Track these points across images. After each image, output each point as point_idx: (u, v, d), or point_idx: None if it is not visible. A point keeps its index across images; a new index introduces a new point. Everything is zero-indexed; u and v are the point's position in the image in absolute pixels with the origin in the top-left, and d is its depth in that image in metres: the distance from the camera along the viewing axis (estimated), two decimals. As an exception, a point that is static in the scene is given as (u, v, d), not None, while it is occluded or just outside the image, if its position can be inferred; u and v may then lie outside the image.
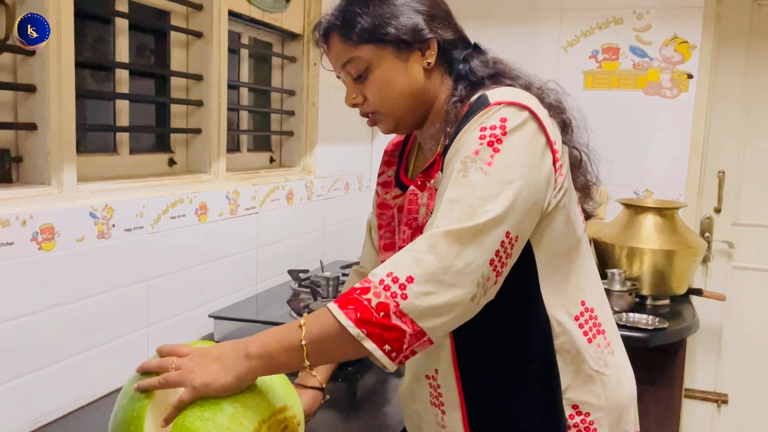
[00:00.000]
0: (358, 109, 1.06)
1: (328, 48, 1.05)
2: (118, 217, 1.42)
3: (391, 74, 1.01)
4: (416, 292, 0.83)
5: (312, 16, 2.28)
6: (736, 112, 2.60)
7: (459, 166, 0.89)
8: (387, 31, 0.99)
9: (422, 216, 1.02)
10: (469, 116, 0.94)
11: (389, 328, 0.83)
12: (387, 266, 0.86)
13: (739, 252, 2.66)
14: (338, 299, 0.86)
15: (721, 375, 2.72)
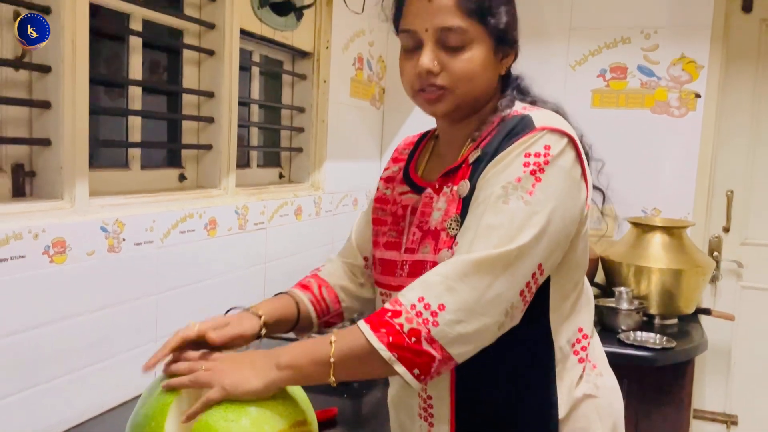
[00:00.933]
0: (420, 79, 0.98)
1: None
2: (129, 231, 1.44)
3: (485, 62, 0.97)
4: (447, 320, 0.85)
5: (322, 34, 2.31)
6: (744, 131, 2.60)
7: (500, 191, 0.89)
8: (501, 21, 0.97)
9: (435, 220, 0.99)
10: (512, 136, 0.93)
11: (420, 353, 0.85)
12: (417, 290, 0.87)
13: (749, 272, 2.64)
14: (369, 319, 0.88)
15: (730, 396, 2.69)
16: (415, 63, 0.97)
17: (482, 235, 0.88)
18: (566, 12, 2.60)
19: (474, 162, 0.97)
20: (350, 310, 1.26)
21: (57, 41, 1.27)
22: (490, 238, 0.87)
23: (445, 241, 0.96)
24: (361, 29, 2.58)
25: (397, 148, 1.22)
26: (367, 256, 1.24)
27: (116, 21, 1.57)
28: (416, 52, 0.98)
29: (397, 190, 1.12)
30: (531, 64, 1.09)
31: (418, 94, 1.00)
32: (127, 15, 1.58)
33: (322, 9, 2.30)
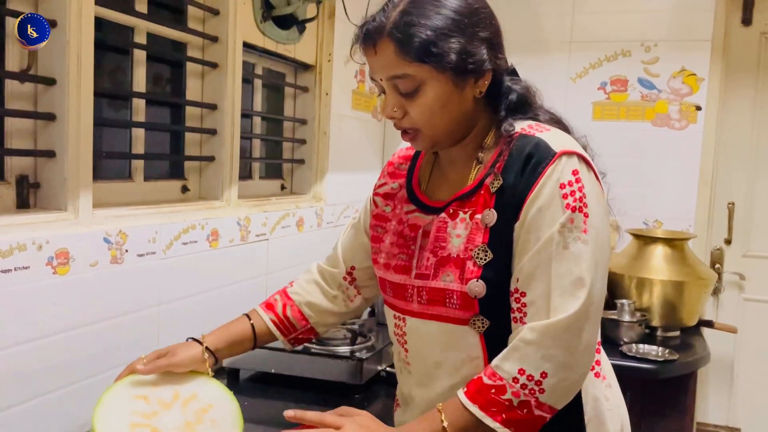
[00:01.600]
0: (393, 122, 1.01)
1: (375, 52, 0.96)
2: (131, 242, 1.45)
3: (443, 98, 0.96)
4: (552, 384, 0.90)
5: (324, 47, 2.33)
6: (745, 143, 2.61)
7: (558, 237, 0.92)
8: (451, 57, 0.94)
9: (455, 248, 0.99)
10: (536, 166, 0.94)
11: (533, 420, 0.91)
12: (514, 361, 0.91)
13: (751, 284, 2.64)
14: (474, 397, 0.92)
15: (733, 408, 2.68)
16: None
17: (556, 287, 0.91)
18: (567, 25, 2.62)
19: (497, 192, 0.97)
20: (321, 325, 1.28)
21: (62, 54, 1.28)
22: (564, 288, 0.91)
23: (473, 270, 0.96)
24: (363, 42, 2.60)
25: (391, 162, 1.20)
26: (354, 266, 1.24)
27: (121, 34, 1.59)
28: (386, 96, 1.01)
29: (402, 209, 1.10)
30: (531, 76, 1.10)
31: (402, 135, 1.04)
32: (132, 28, 1.60)
33: (324, 22, 2.32)
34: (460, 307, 0.97)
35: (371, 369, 1.66)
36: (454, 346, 1.00)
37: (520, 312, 0.94)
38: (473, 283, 0.95)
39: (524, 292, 0.94)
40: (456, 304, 0.98)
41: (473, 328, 0.98)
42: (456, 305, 0.98)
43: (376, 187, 1.19)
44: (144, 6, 1.62)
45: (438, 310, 1.00)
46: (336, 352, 1.64)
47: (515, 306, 0.95)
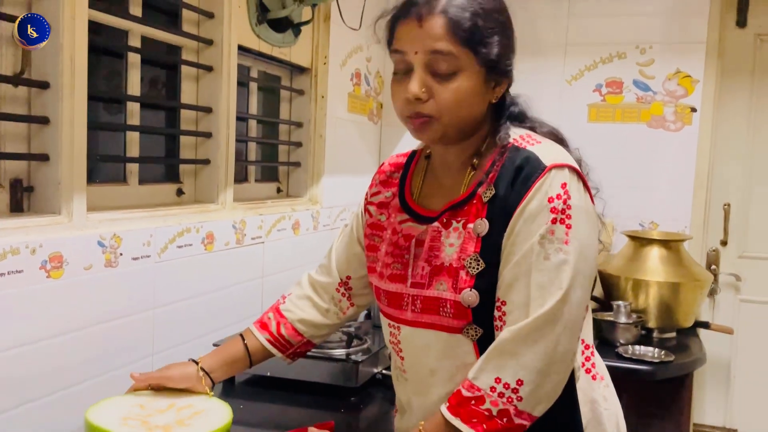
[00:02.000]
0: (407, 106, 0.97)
1: (420, 25, 0.95)
2: (126, 245, 1.45)
3: (472, 91, 0.96)
4: (528, 391, 0.91)
5: (320, 50, 2.33)
6: (740, 145, 2.62)
7: (538, 248, 0.92)
8: (494, 52, 0.96)
9: (449, 257, 0.99)
10: (526, 179, 0.94)
11: (513, 429, 0.92)
12: (490, 371, 0.92)
13: (747, 285, 2.65)
14: (455, 410, 0.93)
15: (730, 410, 2.68)
16: (404, 88, 0.97)
17: (536, 297, 0.92)
18: (562, 27, 2.63)
19: (489, 201, 0.97)
20: (317, 337, 1.28)
21: (56, 58, 1.28)
22: (545, 297, 0.91)
23: (466, 280, 0.97)
24: (358, 45, 2.61)
25: (383, 170, 1.19)
26: (350, 276, 1.24)
27: (115, 37, 1.59)
28: (406, 76, 0.97)
29: (396, 218, 1.10)
30: (527, 78, 1.11)
31: (407, 120, 1.00)
32: (126, 32, 1.60)
33: (320, 25, 2.32)
34: (453, 315, 0.98)
35: (367, 372, 1.66)
36: (449, 354, 1.00)
37: (500, 320, 0.95)
38: (466, 293, 0.96)
39: (504, 301, 0.95)
40: (450, 312, 0.98)
41: (467, 336, 0.98)
42: (450, 314, 0.98)
43: (369, 196, 1.19)
44: (138, 9, 1.62)
45: (432, 319, 1.01)
46: (332, 354, 1.64)
47: (497, 314, 0.96)
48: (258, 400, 1.59)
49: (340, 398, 1.60)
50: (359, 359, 1.61)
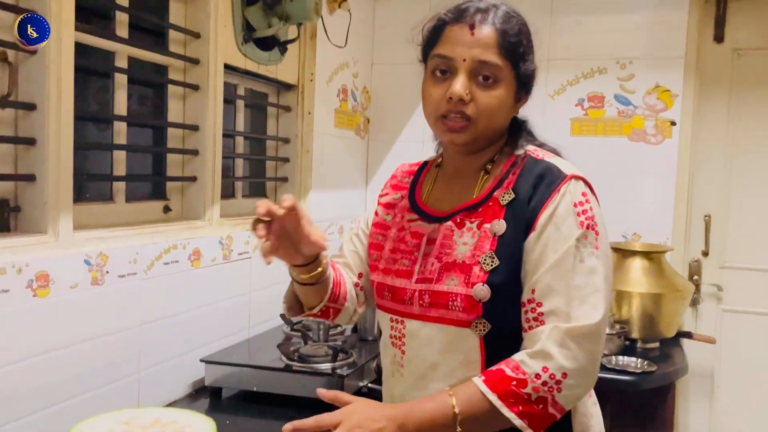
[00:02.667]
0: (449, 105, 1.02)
1: (472, 31, 1.02)
2: (112, 263, 1.46)
3: (506, 102, 1.05)
4: (569, 385, 0.95)
5: (306, 67, 2.37)
6: (720, 157, 2.66)
7: (574, 251, 0.98)
8: (530, 69, 1.06)
9: (462, 254, 1.03)
10: (548, 185, 1.01)
11: (546, 416, 0.95)
12: (538, 359, 0.95)
13: (728, 295, 2.68)
14: (494, 386, 0.94)
15: (714, 419, 2.71)
16: (444, 89, 1.02)
17: (576, 297, 0.97)
18: (544, 43, 2.67)
19: (508, 204, 1.03)
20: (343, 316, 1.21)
21: (42, 80, 1.31)
22: (584, 299, 0.97)
23: (479, 275, 1.01)
24: (345, 62, 2.64)
25: (395, 176, 1.25)
26: (361, 273, 1.24)
27: (102, 58, 1.61)
28: (445, 79, 1.03)
29: (405, 218, 1.15)
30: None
31: (441, 120, 1.04)
32: (113, 53, 1.62)
33: (306, 43, 2.36)
34: (463, 309, 1.01)
35: (353, 385, 1.68)
36: (454, 348, 1.03)
37: (536, 321, 0.98)
38: (479, 287, 1.00)
39: (540, 302, 0.98)
40: (459, 306, 1.01)
41: (474, 331, 1.01)
42: (459, 308, 1.01)
43: (380, 197, 1.24)
44: (125, 30, 1.65)
45: (440, 313, 1.03)
46: (317, 369, 1.66)
47: (529, 315, 0.99)
48: (244, 415, 1.61)
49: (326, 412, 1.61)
50: (345, 373, 1.63)
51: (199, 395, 1.74)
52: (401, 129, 2.91)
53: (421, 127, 2.86)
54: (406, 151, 2.90)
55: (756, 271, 2.64)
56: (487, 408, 0.94)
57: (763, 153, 2.61)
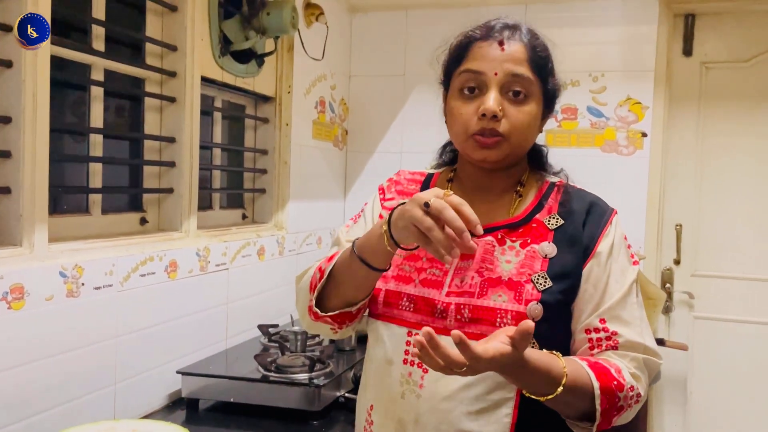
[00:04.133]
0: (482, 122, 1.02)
1: (502, 47, 1.03)
2: (88, 275, 1.47)
3: (536, 118, 1.06)
4: (636, 408, 1.01)
5: (284, 80, 2.39)
6: (690, 167, 2.73)
7: (635, 286, 1.06)
8: (556, 84, 1.10)
9: (507, 272, 1.03)
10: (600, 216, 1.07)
11: (609, 423, 0.98)
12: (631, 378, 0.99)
13: (700, 302, 2.74)
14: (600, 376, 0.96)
15: (687, 424, 2.76)
16: (475, 106, 1.03)
17: (643, 329, 1.05)
18: (518, 56, 2.72)
19: (557, 229, 1.06)
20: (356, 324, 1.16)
21: (18, 93, 1.31)
22: (646, 329, 1.05)
23: (533, 294, 1.01)
24: (322, 74, 2.67)
25: (398, 181, 1.21)
26: None
27: (78, 71, 1.62)
28: (475, 96, 1.04)
29: None
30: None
31: (472, 138, 1.04)
32: (89, 66, 1.63)
33: (284, 56, 2.38)
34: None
35: (329, 395, 1.69)
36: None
37: (608, 340, 1.02)
38: (533, 305, 1.00)
39: (616, 331, 1.02)
40: (510, 323, 0.99)
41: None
42: (509, 325, 0.99)
43: (383, 201, 1.19)
44: (101, 44, 1.65)
45: (483, 329, 0.99)
46: (294, 379, 1.67)
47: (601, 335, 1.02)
48: (221, 426, 1.61)
49: (302, 422, 1.63)
50: (321, 383, 1.64)
51: (176, 407, 1.74)
52: (379, 140, 2.94)
53: (398, 138, 2.92)
54: (385, 162, 2.93)
55: (726, 278, 2.71)
56: (584, 390, 0.95)
57: (731, 163, 2.68)
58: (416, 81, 2.82)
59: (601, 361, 0.99)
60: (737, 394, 2.69)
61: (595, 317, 1.03)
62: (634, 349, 1.02)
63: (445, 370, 0.85)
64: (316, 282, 1.07)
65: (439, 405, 1.01)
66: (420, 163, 2.93)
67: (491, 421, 1.00)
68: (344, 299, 1.07)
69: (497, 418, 1.00)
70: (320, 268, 1.08)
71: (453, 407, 1.00)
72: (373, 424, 1.09)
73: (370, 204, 1.21)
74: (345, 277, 1.05)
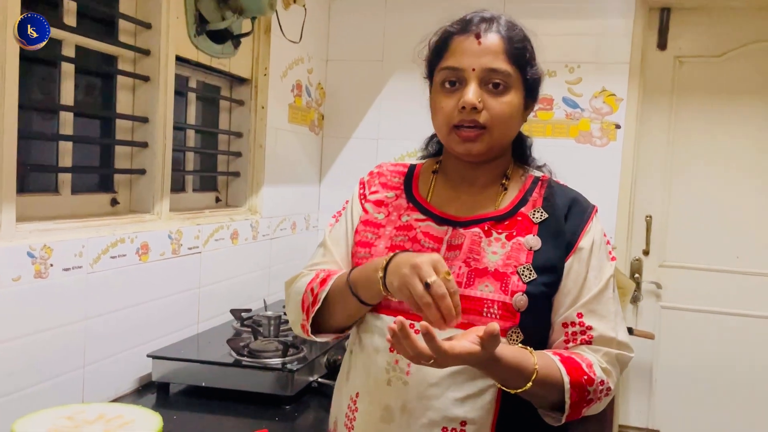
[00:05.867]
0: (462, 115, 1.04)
1: (479, 41, 1.04)
2: (57, 256, 1.43)
3: (517, 108, 1.07)
4: (605, 401, 1.04)
5: (260, 62, 2.35)
6: (661, 160, 2.77)
7: (612, 281, 1.08)
8: (536, 74, 1.09)
9: (493, 263, 1.05)
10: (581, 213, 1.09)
11: (579, 414, 1.01)
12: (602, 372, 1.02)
13: (667, 292, 2.80)
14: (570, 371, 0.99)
15: (653, 411, 2.82)
16: (456, 99, 1.04)
17: (617, 323, 1.07)
18: (496, 45, 2.73)
19: (541, 223, 1.08)
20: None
21: (-15, 67, 1.27)
22: (620, 323, 1.07)
23: (518, 285, 1.03)
24: (300, 57, 2.64)
25: (380, 173, 1.21)
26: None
27: (48, 47, 1.57)
28: (455, 90, 1.06)
29: (411, 216, 1.12)
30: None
31: (454, 131, 1.06)
32: (60, 41, 1.58)
33: (260, 37, 2.35)
34: (500, 317, 1.01)
35: (303, 380, 1.69)
36: None
37: (582, 335, 1.05)
38: (518, 296, 1.02)
39: (590, 326, 1.05)
40: (497, 314, 1.02)
41: (509, 340, 1.02)
42: (497, 315, 1.01)
43: (367, 194, 1.19)
44: (73, 19, 1.61)
45: (470, 319, 1.01)
46: (267, 364, 1.67)
47: (576, 329, 1.05)
48: (193, 411, 1.60)
49: (275, 407, 1.62)
50: (295, 368, 1.64)
51: (146, 390, 1.72)
52: (356, 126, 2.93)
53: (375, 124, 2.91)
54: (361, 148, 2.92)
55: (693, 269, 2.77)
56: (554, 384, 0.98)
57: (702, 157, 2.74)
58: (394, 67, 2.81)
59: (574, 355, 1.02)
60: (701, 382, 2.76)
61: (573, 311, 1.05)
62: (607, 344, 1.04)
63: (414, 359, 0.90)
64: (309, 305, 1.11)
65: (426, 391, 1.02)
66: (397, 150, 2.95)
67: (477, 406, 1.02)
68: (336, 325, 1.12)
69: (482, 404, 1.02)
70: (312, 290, 1.11)
71: (440, 393, 1.02)
72: (357, 411, 1.09)
73: (350, 203, 1.21)
74: (337, 306, 1.09)
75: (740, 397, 2.72)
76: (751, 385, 2.71)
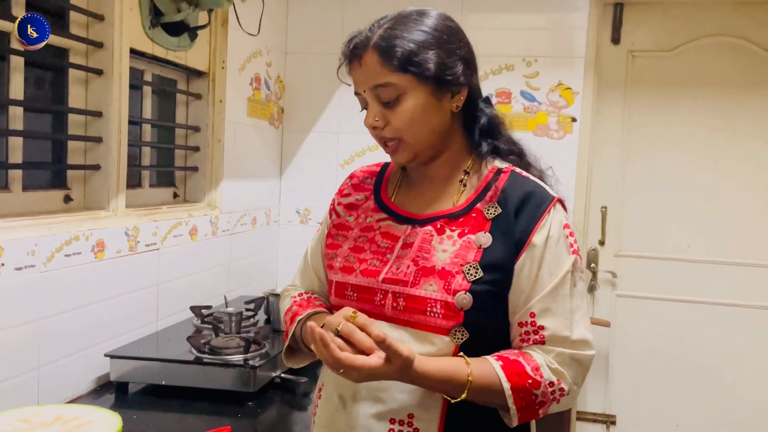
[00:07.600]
0: (374, 133, 1.08)
1: (360, 65, 1.05)
2: (8, 255, 1.39)
3: (423, 107, 1.04)
4: (566, 399, 1.03)
5: (218, 54, 2.32)
6: (615, 152, 2.84)
7: (570, 277, 1.04)
8: (430, 67, 1.02)
9: (442, 261, 1.04)
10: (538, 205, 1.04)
11: (535, 416, 1.02)
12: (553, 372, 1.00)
13: (622, 281, 2.87)
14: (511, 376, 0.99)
15: (609, 397, 2.90)
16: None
17: (574, 320, 1.03)
18: (455, 39, 2.75)
19: (494, 219, 1.05)
20: None
21: (-73, 60, 1.22)
22: (579, 321, 1.03)
23: (462, 284, 1.01)
24: (258, 50, 2.61)
25: (355, 175, 1.24)
26: (321, 278, 1.25)
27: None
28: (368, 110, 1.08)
29: (372, 218, 1.15)
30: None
31: (382, 147, 1.09)
32: (8, 33, 1.53)
33: (217, 30, 2.31)
34: (443, 316, 1.01)
35: (265, 376, 1.68)
36: (425, 353, 1.01)
37: (535, 335, 1.02)
38: (461, 295, 1.01)
39: (543, 325, 1.02)
40: (439, 313, 1.01)
41: (453, 339, 1.02)
42: (439, 314, 1.01)
43: (339, 198, 1.23)
44: (21, 10, 1.56)
45: (416, 318, 1.03)
46: (229, 360, 1.65)
47: (528, 329, 1.03)
48: (152, 410, 1.58)
49: (237, 404, 1.61)
50: (257, 364, 1.63)
51: (104, 390, 1.69)
52: (316, 119, 2.91)
53: (336, 117, 2.90)
54: (321, 141, 2.90)
55: (647, 258, 2.85)
56: (494, 390, 0.99)
57: (654, 149, 2.81)
58: (353, 60, 2.80)
59: (522, 358, 1.01)
60: (656, 368, 2.85)
61: (525, 310, 1.03)
62: (560, 344, 1.02)
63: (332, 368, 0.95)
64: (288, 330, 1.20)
65: (375, 383, 1.03)
66: (358, 144, 2.95)
67: (424, 401, 1.03)
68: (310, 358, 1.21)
69: (429, 399, 1.03)
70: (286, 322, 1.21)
71: (388, 386, 1.03)
72: (320, 398, 1.16)
73: (325, 217, 1.25)
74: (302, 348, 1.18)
75: (694, 381, 2.82)
76: (704, 369, 2.81)
